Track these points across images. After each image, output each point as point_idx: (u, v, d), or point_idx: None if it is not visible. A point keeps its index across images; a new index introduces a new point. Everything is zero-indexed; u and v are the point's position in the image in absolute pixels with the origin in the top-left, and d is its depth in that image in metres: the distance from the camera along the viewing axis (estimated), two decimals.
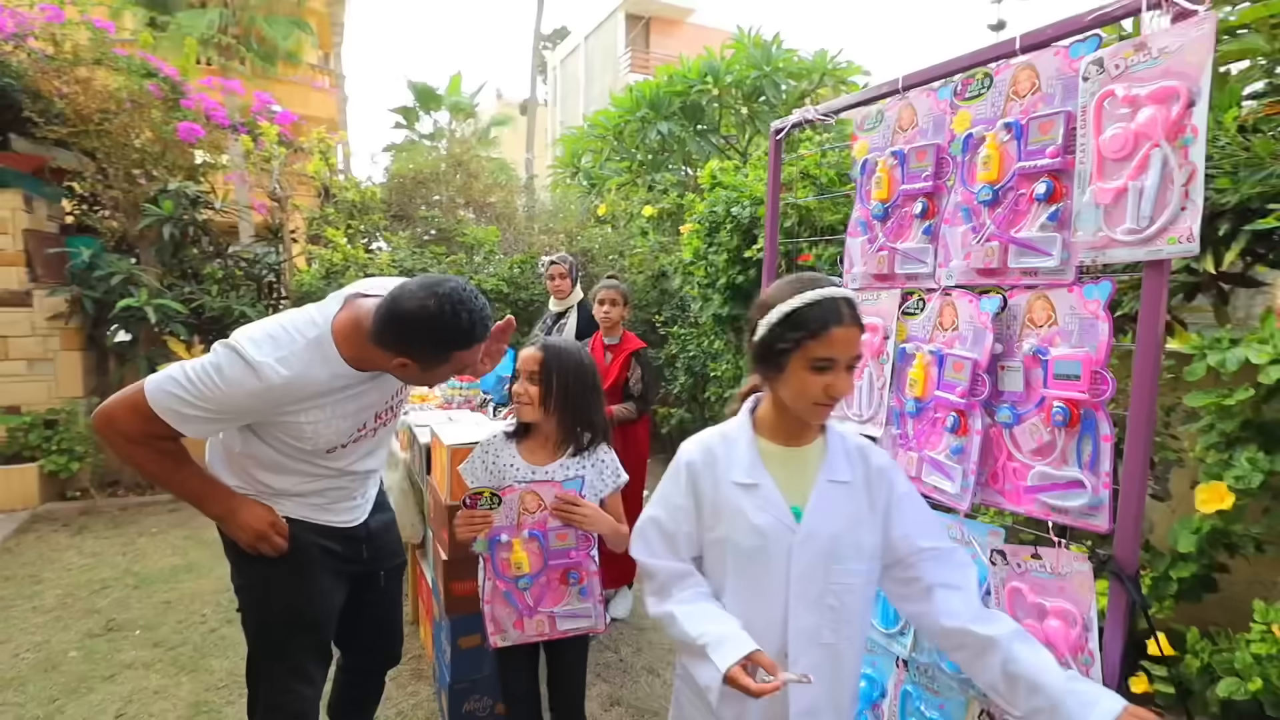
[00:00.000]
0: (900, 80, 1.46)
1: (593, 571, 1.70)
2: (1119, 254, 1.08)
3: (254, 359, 1.32)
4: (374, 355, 1.42)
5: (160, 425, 1.33)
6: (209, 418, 1.36)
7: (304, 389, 1.39)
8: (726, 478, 1.17)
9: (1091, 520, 1.13)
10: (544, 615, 1.69)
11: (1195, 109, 0.98)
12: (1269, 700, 2.15)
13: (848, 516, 1.15)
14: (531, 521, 1.63)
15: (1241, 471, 2.14)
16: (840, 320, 1.08)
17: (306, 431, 1.45)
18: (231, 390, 1.32)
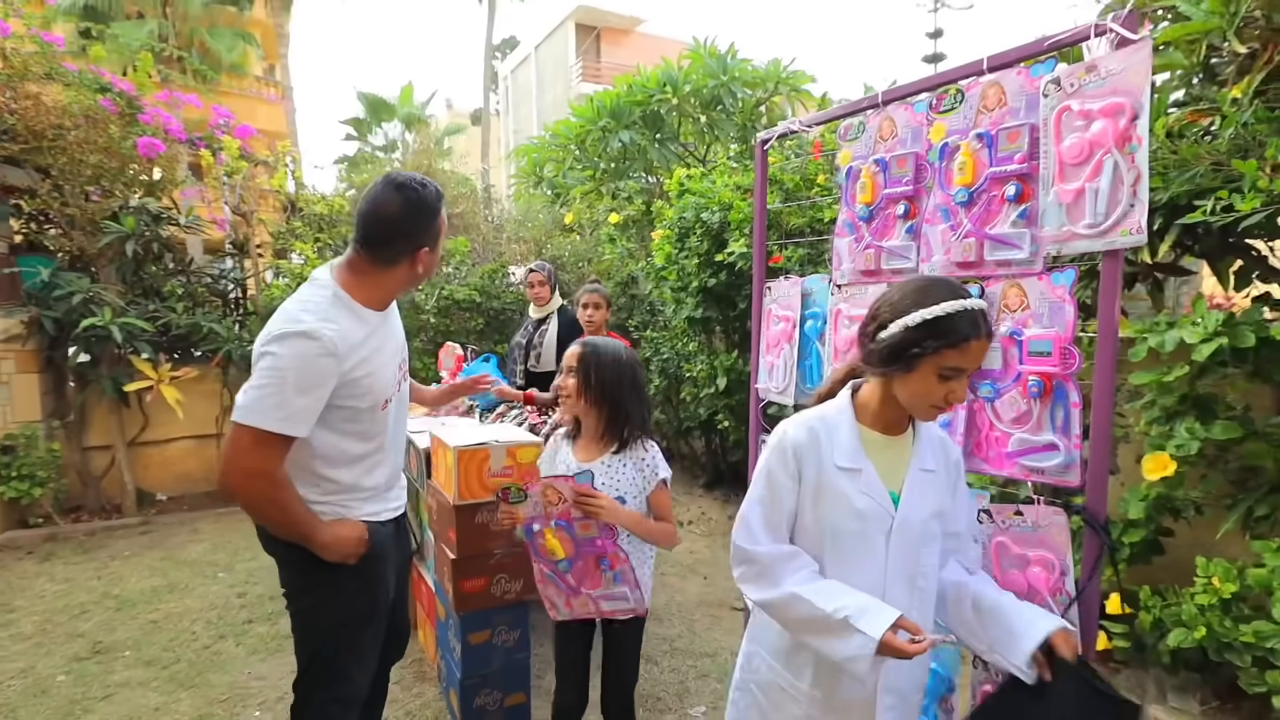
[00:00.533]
0: (880, 95, 1.63)
1: (622, 559, 1.75)
2: (1080, 245, 1.26)
3: (306, 328, 1.43)
4: (388, 278, 1.59)
5: (277, 446, 1.42)
6: (306, 402, 1.44)
7: (350, 339, 1.50)
8: (830, 461, 1.22)
9: (1065, 477, 1.31)
10: (587, 596, 1.79)
11: (1139, 121, 1.16)
12: (1211, 646, 2.39)
13: (935, 503, 1.25)
14: (557, 512, 1.72)
15: (1181, 441, 2.37)
16: (979, 334, 1.13)
17: (363, 385, 1.54)
18: (305, 364, 1.42)
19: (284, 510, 1.49)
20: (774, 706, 1.34)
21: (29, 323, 4.75)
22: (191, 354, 5.47)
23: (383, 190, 1.54)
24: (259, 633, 3.24)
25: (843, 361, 1.51)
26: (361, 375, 1.53)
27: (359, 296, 1.56)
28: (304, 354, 1.42)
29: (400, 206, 1.53)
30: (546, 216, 7.27)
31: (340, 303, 1.54)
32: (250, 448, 1.41)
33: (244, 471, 1.42)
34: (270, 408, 1.40)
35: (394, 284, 1.62)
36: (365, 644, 1.72)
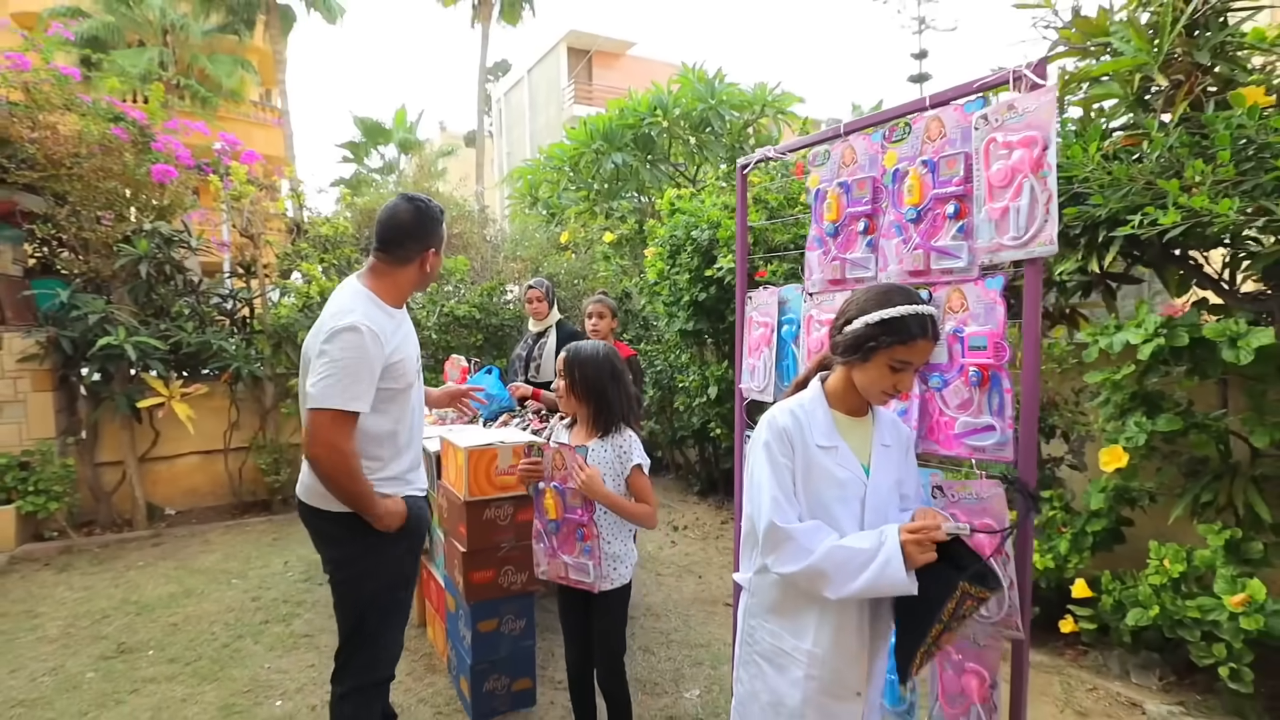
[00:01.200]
0: (842, 127, 1.87)
1: (594, 534, 2.01)
2: (1007, 255, 1.48)
3: (352, 323, 1.74)
4: (402, 276, 1.92)
5: (350, 422, 1.73)
6: (365, 380, 1.75)
7: (385, 329, 1.82)
8: (811, 441, 1.42)
9: (1001, 453, 1.52)
10: (561, 561, 2.08)
11: (1049, 151, 1.39)
12: (1165, 623, 2.60)
13: (895, 471, 1.47)
14: (558, 477, 2.05)
15: (1130, 433, 2.60)
16: (926, 334, 1.35)
17: (399, 369, 1.86)
18: (357, 352, 1.73)
19: (356, 479, 1.76)
20: (778, 671, 1.50)
21: (47, 343, 4.93)
22: (200, 372, 5.65)
23: (396, 204, 1.92)
24: (275, 632, 3.40)
25: (811, 360, 1.73)
26: (397, 360, 1.85)
27: (382, 295, 1.90)
28: (354, 344, 1.72)
29: (411, 215, 1.90)
30: (543, 236, 7.51)
31: (371, 301, 1.87)
32: (328, 426, 1.70)
33: (326, 446, 1.70)
34: (337, 392, 1.70)
35: (407, 282, 1.95)
36: (403, 605, 1.99)
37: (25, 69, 5.13)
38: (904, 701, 1.81)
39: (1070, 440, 3.51)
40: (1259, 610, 2.32)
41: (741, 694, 1.61)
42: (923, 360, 1.40)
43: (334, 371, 1.71)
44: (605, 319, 3.71)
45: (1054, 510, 3.18)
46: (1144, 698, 2.69)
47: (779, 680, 1.50)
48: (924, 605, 1.29)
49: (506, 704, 2.67)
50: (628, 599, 2.21)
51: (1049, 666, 2.99)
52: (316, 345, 1.78)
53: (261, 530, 5.23)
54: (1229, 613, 2.38)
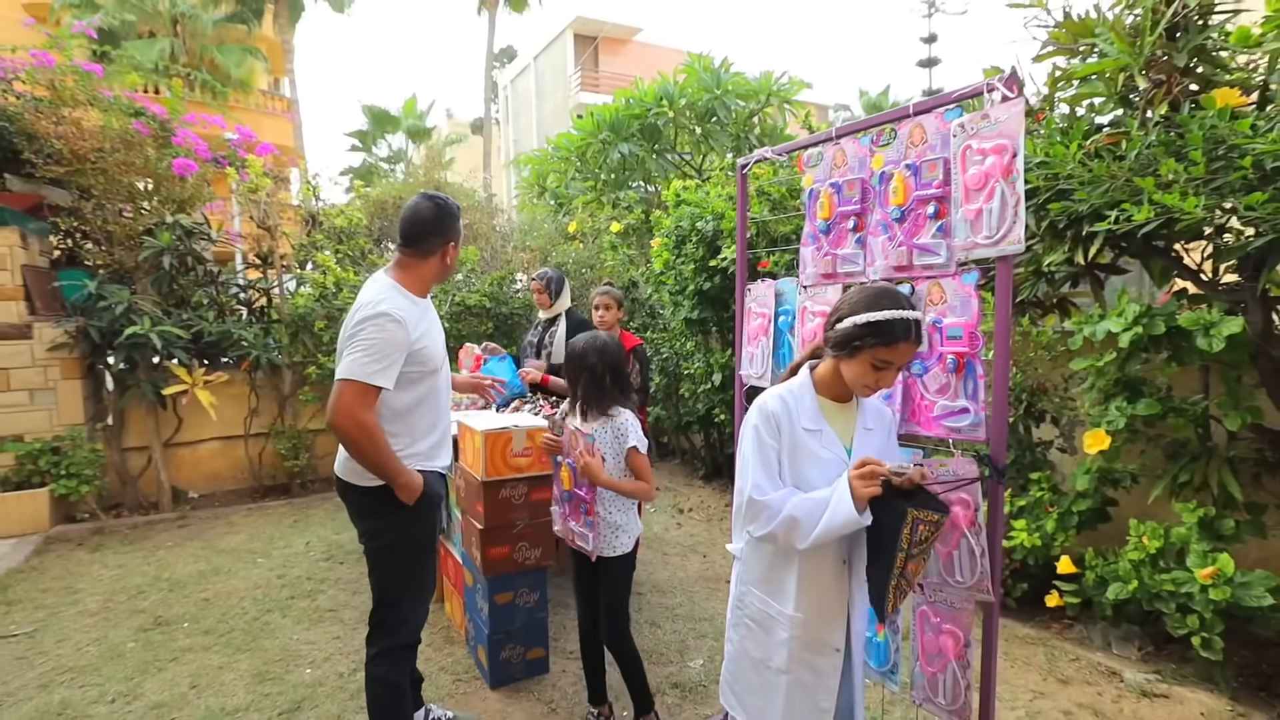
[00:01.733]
0: (834, 131, 2.00)
1: (595, 511, 2.30)
2: (981, 253, 1.62)
3: (384, 309, 1.94)
4: (425, 268, 2.11)
5: (371, 395, 1.90)
6: (394, 359, 1.93)
7: (411, 316, 2.00)
8: (798, 424, 1.56)
9: (975, 434, 1.66)
10: (569, 526, 2.41)
11: (1017, 158, 1.52)
12: (1143, 596, 2.75)
13: (877, 453, 1.59)
14: (573, 455, 2.30)
15: (1112, 417, 2.73)
16: (908, 338, 1.47)
17: (425, 354, 2.04)
18: (386, 334, 1.92)
19: (378, 447, 1.93)
20: (765, 631, 1.67)
21: (76, 332, 5.13)
22: (220, 360, 5.84)
23: (418, 202, 2.11)
24: (301, 607, 3.60)
25: (804, 349, 1.88)
26: (422, 346, 2.03)
27: (408, 286, 2.09)
28: (384, 327, 1.92)
29: (431, 212, 2.08)
30: (551, 226, 7.65)
31: (398, 291, 2.05)
32: (352, 397, 1.88)
33: (347, 415, 1.87)
34: (363, 367, 1.88)
35: (430, 273, 2.13)
36: (423, 574, 2.17)
37: (50, 66, 5.30)
38: (888, 661, 1.97)
39: (1059, 424, 3.65)
40: (1227, 582, 2.47)
41: (732, 652, 1.78)
42: (904, 361, 1.53)
43: (365, 349, 1.89)
44: (611, 310, 3.85)
45: (1042, 491, 3.32)
46: (1123, 667, 2.85)
47: (766, 640, 1.66)
48: (884, 537, 1.44)
49: (522, 672, 2.85)
50: (631, 567, 2.41)
51: (1035, 639, 3.15)
52: (348, 332, 1.97)
53: (282, 513, 5.44)
54: (1201, 585, 2.53)
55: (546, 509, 2.85)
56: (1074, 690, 2.74)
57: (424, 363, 2.05)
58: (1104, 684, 2.78)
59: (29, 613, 3.57)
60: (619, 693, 2.66)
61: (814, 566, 1.59)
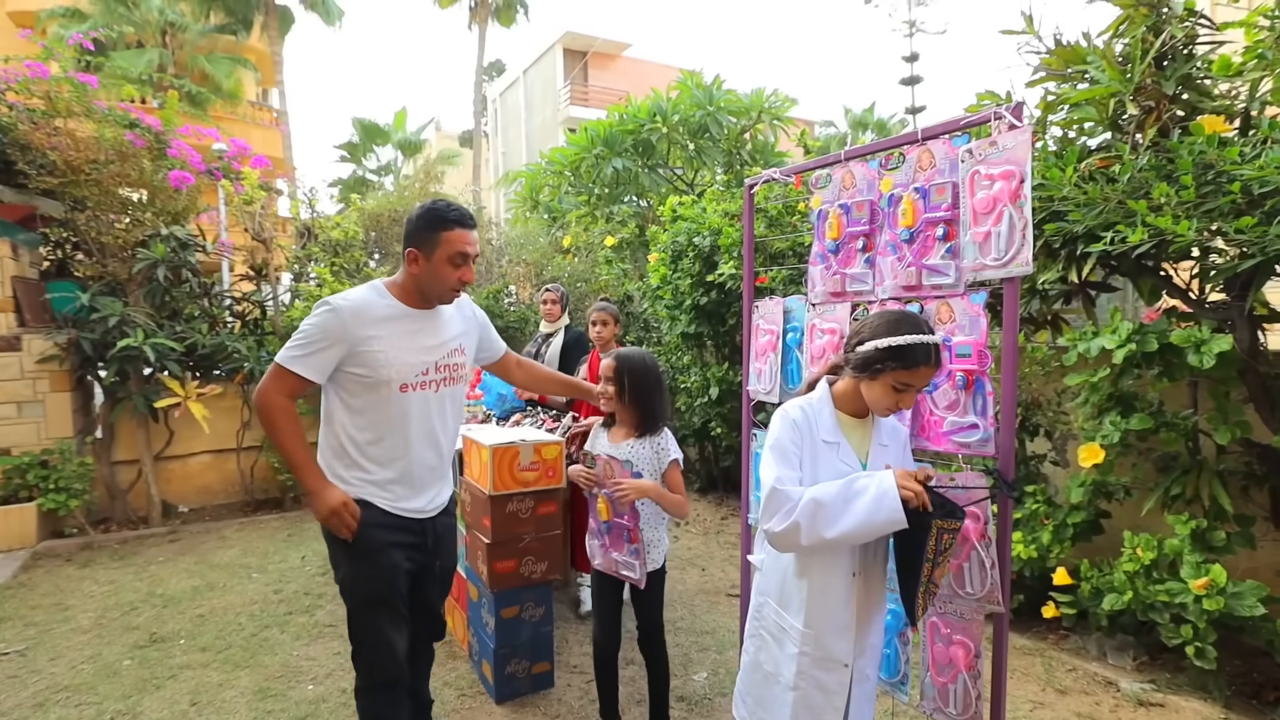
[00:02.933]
0: (843, 154, 2.06)
1: (640, 539, 2.25)
2: (989, 274, 1.68)
3: (328, 300, 1.88)
4: (404, 274, 1.94)
5: (291, 380, 1.83)
6: (318, 348, 1.83)
7: (366, 313, 1.87)
8: (817, 435, 1.61)
9: (984, 449, 1.72)
10: (612, 557, 2.33)
11: (1025, 184, 1.59)
12: (1138, 607, 2.81)
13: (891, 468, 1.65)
14: (609, 485, 2.24)
15: (1106, 432, 2.81)
16: (928, 362, 1.51)
17: (380, 359, 1.87)
18: (321, 323, 1.84)
19: (284, 435, 1.84)
20: (778, 645, 1.69)
21: (67, 344, 5.07)
22: (212, 372, 5.80)
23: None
24: (300, 622, 3.57)
25: (821, 364, 1.92)
26: (368, 350, 1.86)
27: (392, 289, 1.97)
28: (317, 313, 1.86)
29: (414, 214, 1.95)
30: (546, 240, 7.69)
31: (373, 290, 1.95)
32: (270, 378, 1.84)
33: (261, 392, 1.85)
34: (286, 350, 1.85)
35: (409, 280, 1.94)
36: (378, 619, 1.98)
37: (44, 77, 5.27)
38: (898, 672, 2.01)
39: (1053, 438, 3.73)
40: (1220, 593, 2.54)
41: (747, 663, 1.80)
42: (924, 383, 1.57)
43: (300, 335, 1.85)
44: (609, 326, 3.89)
45: (1037, 504, 3.39)
46: (1119, 677, 2.90)
47: (778, 653, 1.69)
48: (912, 550, 1.49)
49: (527, 686, 2.85)
50: (664, 578, 2.41)
51: (1032, 649, 3.20)
52: None
53: (275, 527, 5.39)
54: (1194, 596, 2.59)
55: (553, 523, 2.87)
56: (1072, 700, 2.79)
57: (369, 368, 1.87)
58: (1101, 694, 2.84)
59: (19, 630, 3.51)
60: (625, 707, 2.67)
61: (825, 579, 1.62)
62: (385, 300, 1.93)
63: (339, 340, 1.84)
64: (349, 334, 1.84)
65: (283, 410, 1.85)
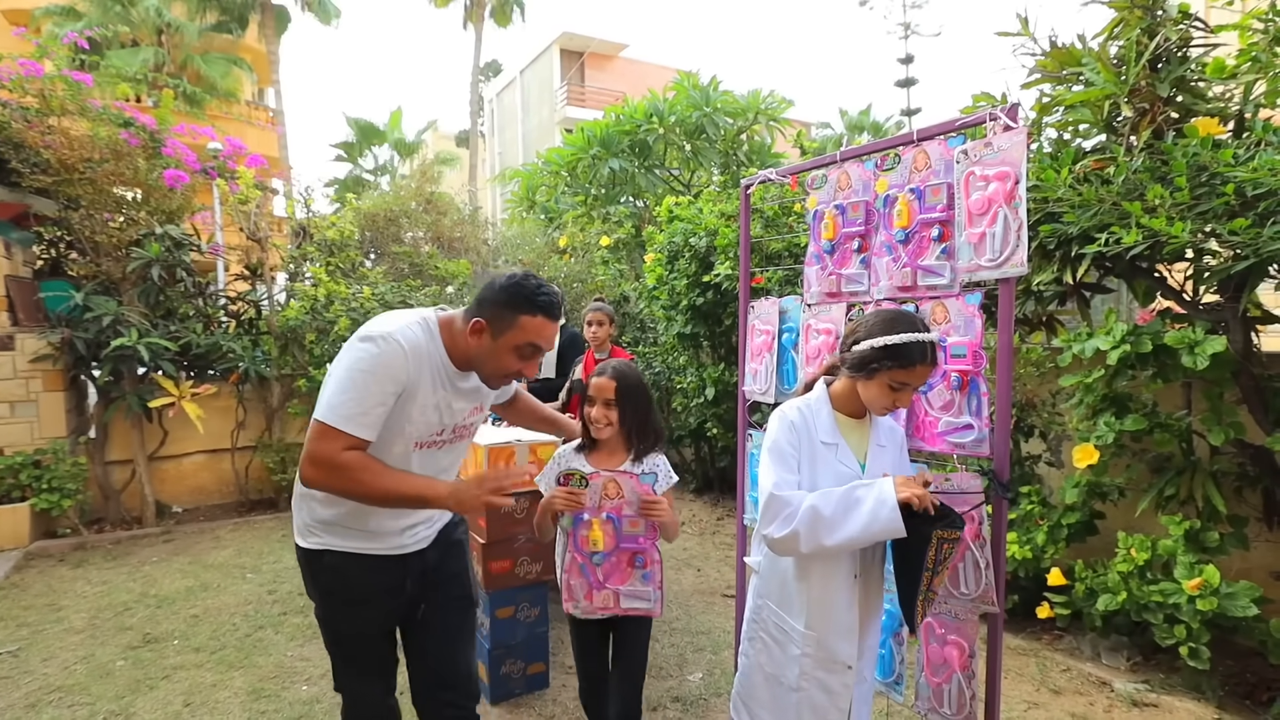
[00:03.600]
0: (839, 154, 2.06)
1: (655, 560, 1.95)
2: (984, 274, 1.68)
3: (387, 333, 1.51)
4: (462, 334, 1.60)
5: (346, 439, 1.45)
6: (378, 401, 1.48)
7: (421, 361, 1.55)
8: (815, 436, 1.60)
9: (979, 449, 1.72)
10: (610, 591, 1.94)
11: (1020, 185, 1.59)
12: (1132, 607, 2.82)
13: (889, 468, 1.64)
14: (610, 506, 1.91)
15: (1101, 433, 2.81)
16: (924, 360, 1.50)
17: (409, 417, 1.56)
18: (383, 370, 1.48)
19: (374, 482, 1.47)
20: (779, 647, 1.69)
21: (60, 344, 5.05)
22: (206, 372, 5.77)
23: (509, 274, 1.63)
24: (294, 623, 3.55)
25: (819, 364, 1.92)
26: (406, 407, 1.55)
27: (445, 334, 1.62)
28: (385, 359, 1.49)
29: (499, 282, 1.59)
30: (542, 240, 7.69)
31: (425, 329, 1.60)
32: (318, 440, 1.46)
33: (314, 460, 1.46)
34: (351, 408, 1.47)
35: (463, 340, 1.61)
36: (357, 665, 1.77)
37: (39, 75, 5.25)
38: (893, 672, 2.01)
39: (1048, 439, 3.74)
40: (1214, 593, 2.55)
41: (746, 666, 1.79)
42: (921, 382, 1.57)
43: (352, 383, 1.48)
44: (604, 326, 3.88)
45: (1032, 505, 3.39)
46: (1113, 677, 2.91)
47: (780, 655, 1.68)
48: (911, 560, 1.49)
49: (522, 686, 2.85)
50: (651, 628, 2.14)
51: (1026, 650, 3.21)
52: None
53: (270, 527, 5.37)
54: (1188, 596, 2.60)
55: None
56: (1066, 700, 2.80)
57: (392, 426, 1.56)
58: (1095, 694, 2.84)
59: (11, 630, 3.49)
60: None
61: (826, 581, 1.61)
62: (435, 348, 1.61)
63: (399, 385, 1.52)
64: (406, 379, 1.53)
65: (353, 464, 1.46)
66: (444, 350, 1.62)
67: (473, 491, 1.51)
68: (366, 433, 1.48)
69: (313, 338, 5.81)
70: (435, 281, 6.55)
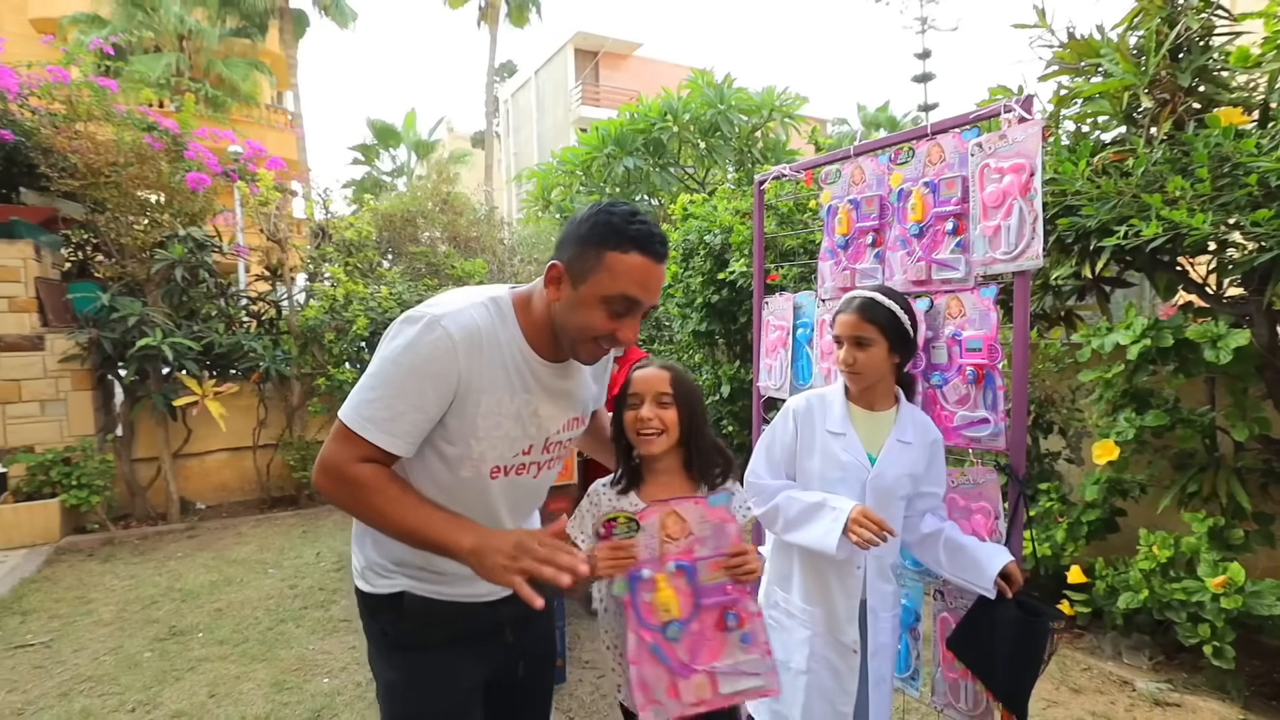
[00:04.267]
0: (852, 149, 2.06)
1: (754, 612, 1.36)
2: (999, 268, 1.67)
3: (435, 316, 1.13)
4: (542, 303, 1.21)
5: (365, 447, 1.11)
6: (413, 403, 1.11)
7: (481, 349, 1.15)
8: (822, 426, 1.64)
9: (995, 443, 1.71)
10: (703, 674, 1.32)
11: (1035, 177, 1.58)
12: (1154, 606, 2.78)
13: (908, 466, 1.63)
14: (676, 550, 1.31)
15: (1121, 429, 2.78)
16: (845, 309, 1.63)
17: (475, 428, 1.17)
18: (423, 365, 1.11)
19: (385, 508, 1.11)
20: (787, 631, 1.72)
21: (88, 344, 5.16)
22: (229, 371, 5.88)
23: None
24: (315, 617, 3.61)
25: (833, 360, 1.93)
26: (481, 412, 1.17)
27: (520, 315, 1.22)
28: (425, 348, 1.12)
29: (581, 214, 1.18)
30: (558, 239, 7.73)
31: (495, 306, 1.20)
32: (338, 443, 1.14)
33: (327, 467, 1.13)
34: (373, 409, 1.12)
35: (543, 308, 1.21)
36: None
37: (66, 81, 5.37)
38: (909, 667, 2.00)
39: (1067, 435, 3.70)
40: (1239, 591, 2.51)
41: None
42: (843, 331, 1.65)
43: (381, 376, 1.13)
44: None
45: (1051, 501, 3.36)
46: (1134, 676, 2.87)
47: (788, 640, 1.71)
48: (1031, 651, 1.56)
49: None
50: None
51: None
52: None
53: (291, 524, 5.45)
54: (1212, 594, 2.56)
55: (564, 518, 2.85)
56: (1087, 699, 2.77)
57: (455, 441, 1.19)
58: (1116, 693, 2.81)
59: (44, 622, 3.59)
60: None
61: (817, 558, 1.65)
62: (507, 331, 1.20)
63: (447, 389, 1.14)
64: (459, 381, 1.14)
65: (365, 480, 1.11)
66: (523, 336, 1.21)
67: (501, 558, 1.04)
68: (391, 443, 1.12)
69: (331, 337, 5.89)
70: (452, 281, 6.60)
